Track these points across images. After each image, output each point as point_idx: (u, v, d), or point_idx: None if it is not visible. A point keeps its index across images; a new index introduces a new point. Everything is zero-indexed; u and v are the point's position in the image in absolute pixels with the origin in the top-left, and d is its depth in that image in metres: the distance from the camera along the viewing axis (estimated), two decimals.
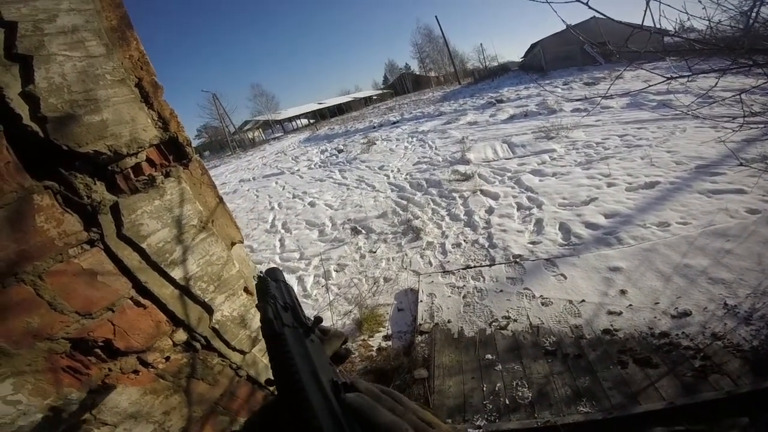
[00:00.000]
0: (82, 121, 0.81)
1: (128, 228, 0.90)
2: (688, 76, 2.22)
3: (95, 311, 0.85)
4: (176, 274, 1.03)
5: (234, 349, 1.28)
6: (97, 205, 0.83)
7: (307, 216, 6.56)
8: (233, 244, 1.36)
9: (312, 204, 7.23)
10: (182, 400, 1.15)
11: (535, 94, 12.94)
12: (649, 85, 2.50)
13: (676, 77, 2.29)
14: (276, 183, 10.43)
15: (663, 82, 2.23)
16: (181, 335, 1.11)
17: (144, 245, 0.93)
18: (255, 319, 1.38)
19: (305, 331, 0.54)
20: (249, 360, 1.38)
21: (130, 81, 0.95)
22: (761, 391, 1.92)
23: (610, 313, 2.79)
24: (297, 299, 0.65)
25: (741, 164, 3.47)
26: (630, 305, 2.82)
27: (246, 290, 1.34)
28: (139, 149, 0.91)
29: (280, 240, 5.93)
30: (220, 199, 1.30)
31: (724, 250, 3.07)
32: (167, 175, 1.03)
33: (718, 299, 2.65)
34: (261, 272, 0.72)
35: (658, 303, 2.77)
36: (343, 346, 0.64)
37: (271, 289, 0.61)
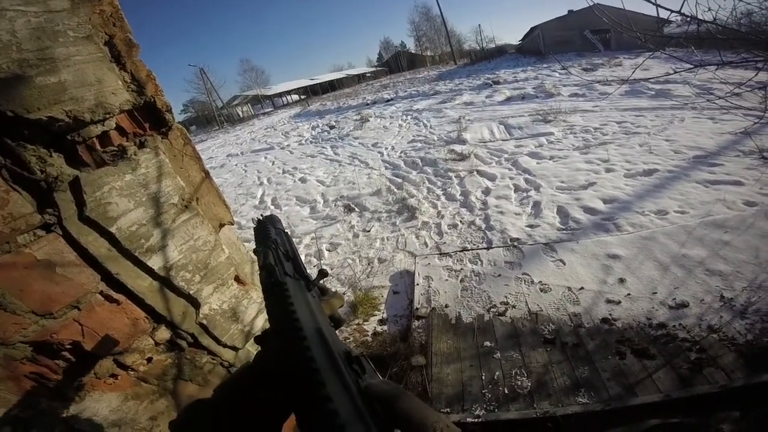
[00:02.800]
0: (33, 82, 0.67)
1: (92, 208, 0.74)
2: (718, 64, 2.13)
3: (57, 310, 0.71)
4: (154, 263, 0.88)
5: (225, 345, 1.14)
6: (53, 181, 0.69)
7: (297, 192, 6.36)
8: (222, 225, 1.19)
9: (303, 180, 7.02)
10: (170, 404, 1.02)
11: (532, 77, 12.71)
12: (675, 71, 2.42)
13: (705, 65, 2.20)
14: (265, 158, 10.09)
15: (691, 69, 2.16)
16: (164, 333, 0.96)
17: (113, 229, 0.78)
18: (248, 312, 1.24)
19: (307, 284, 0.48)
20: (242, 357, 1.24)
21: (99, 38, 0.80)
22: (754, 385, 1.95)
23: (608, 301, 2.77)
24: (296, 249, 0.57)
25: (763, 157, 3.42)
26: (628, 294, 2.79)
27: (237, 279, 1.18)
28: (107, 115, 0.77)
29: None
30: (206, 174, 1.13)
31: (722, 242, 3.06)
32: (141, 145, 0.87)
33: (714, 291, 2.65)
34: (261, 216, 0.64)
35: (656, 293, 2.76)
36: (340, 309, 0.58)
37: (271, 234, 0.55)
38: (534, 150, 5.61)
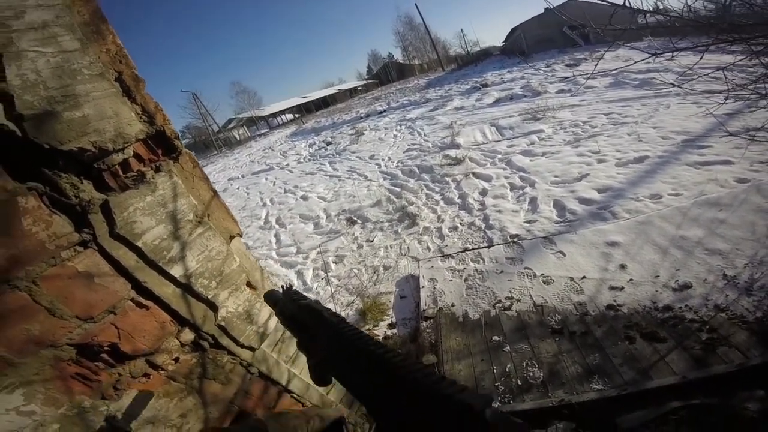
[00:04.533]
0: (62, 117, 0.76)
1: (121, 226, 0.86)
2: (673, 51, 2.22)
3: (96, 315, 0.82)
4: (176, 271, 0.99)
5: (243, 345, 1.25)
6: (86, 205, 0.79)
7: (300, 210, 6.47)
8: (232, 237, 1.32)
9: (304, 197, 7.14)
10: (197, 402, 1.13)
11: (519, 77, 12.92)
12: (636, 62, 2.54)
13: (661, 53, 2.30)
14: (266, 179, 10.25)
15: (648, 58, 2.27)
16: (188, 335, 1.07)
17: (139, 243, 0.90)
18: (261, 314, 1.34)
19: None
20: (259, 356, 1.35)
21: (110, 75, 0.91)
22: None
23: (612, 288, 2.80)
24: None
25: (729, 134, 3.51)
26: (631, 279, 2.83)
27: (249, 285, 1.30)
28: (126, 144, 0.88)
29: (275, 236, 5.84)
30: (215, 192, 1.25)
31: (718, 220, 3.10)
32: (157, 169, 1.00)
33: (716, 270, 2.66)
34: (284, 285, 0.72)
35: (658, 276, 2.78)
36: None
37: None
38: (526, 148, 5.71)
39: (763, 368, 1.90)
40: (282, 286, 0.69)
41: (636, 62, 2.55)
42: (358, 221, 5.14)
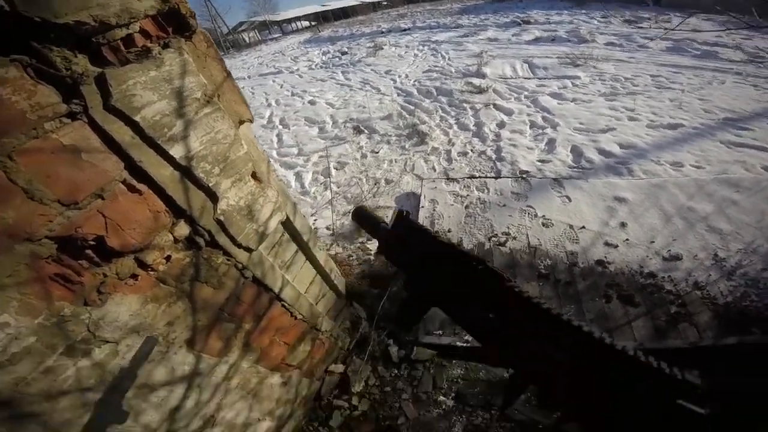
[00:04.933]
0: None
1: (117, 99, 0.75)
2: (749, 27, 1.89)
3: (82, 199, 0.70)
4: (176, 151, 0.88)
5: (240, 246, 1.15)
6: (78, 77, 0.70)
7: (306, 113, 6.12)
8: (242, 122, 1.19)
9: (312, 102, 6.73)
10: (186, 308, 1.05)
11: (567, 20, 11.63)
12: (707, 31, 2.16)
13: (734, 29, 1.96)
14: (273, 81, 9.53)
15: (720, 30, 1.91)
16: (183, 229, 0.96)
17: (137, 118, 0.78)
18: (263, 211, 1.23)
19: None
20: (255, 258, 1.26)
21: None
22: (719, 347, 2.00)
23: (606, 244, 2.80)
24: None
25: None
26: (627, 240, 2.82)
27: (254, 176, 1.17)
28: (132, 20, 0.79)
29: (277, 135, 5.58)
30: (228, 73, 1.13)
31: (731, 201, 3.03)
32: (166, 46, 0.89)
33: (710, 248, 2.68)
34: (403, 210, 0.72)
35: (653, 242, 2.78)
36: None
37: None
38: (557, 91, 5.33)
39: (708, 351, 2.00)
40: (401, 211, 0.64)
41: (706, 31, 2.18)
42: (365, 131, 4.88)
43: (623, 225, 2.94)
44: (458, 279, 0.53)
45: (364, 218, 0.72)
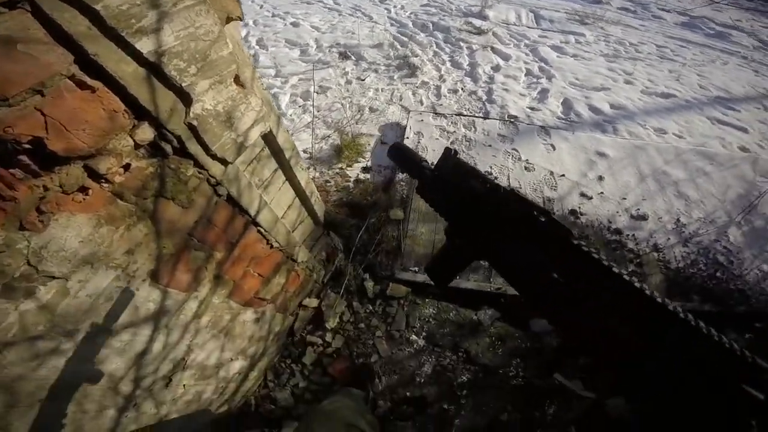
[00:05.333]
0: None
1: None
2: None
3: (14, 94, 0.55)
4: (144, 45, 0.72)
5: (215, 156, 0.96)
6: None
7: (288, 35, 5.53)
8: (229, 20, 0.98)
9: (295, 24, 6.06)
10: (149, 232, 0.86)
11: None
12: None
13: None
14: (252, 1, 8.48)
15: None
16: (146, 132, 0.76)
17: (98, 6, 0.63)
18: (243, 119, 1.03)
19: None
20: (231, 173, 1.06)
21: None
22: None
23: (582, 195, 2.84)
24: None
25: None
26: (601, 193, 2.87)
27: (237, 80, 0.97)
28: None
29: (253, 56, 5.02)
30: None
31: (703, 171, 3.13)
32: None
33: (674, 212, 2.79)
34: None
35: (625, 198, 2.85)
36: None
37: None
38: (558, 45, 5.10)
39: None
40: (449, 149, 0.58)
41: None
42: (352, 57, 4.52)
43: (600, 178, 2.98)
44: (516, 230, 0.46)
45: (403, 155, 0.63)
